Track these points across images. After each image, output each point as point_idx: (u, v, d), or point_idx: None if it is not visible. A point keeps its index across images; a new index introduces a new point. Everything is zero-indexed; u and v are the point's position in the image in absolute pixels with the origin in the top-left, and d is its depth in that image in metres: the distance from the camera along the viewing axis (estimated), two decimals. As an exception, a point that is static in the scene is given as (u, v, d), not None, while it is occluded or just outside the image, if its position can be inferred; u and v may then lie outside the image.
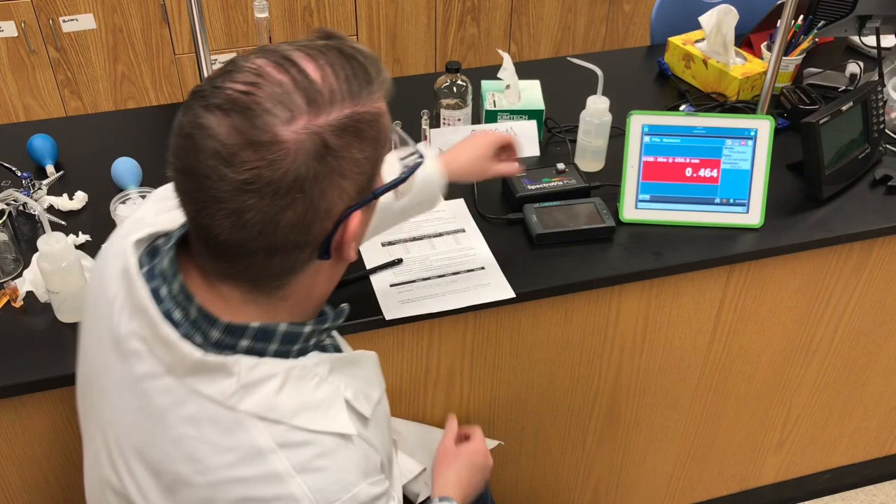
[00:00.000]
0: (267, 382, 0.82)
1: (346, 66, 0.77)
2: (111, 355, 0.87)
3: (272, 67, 0.75)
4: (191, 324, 0.82)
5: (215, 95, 0.74)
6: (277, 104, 0.73)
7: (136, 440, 0.86)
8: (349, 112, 0.76)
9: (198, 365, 0.81)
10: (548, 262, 1.46)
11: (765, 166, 1.54)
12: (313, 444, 0.82)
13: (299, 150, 0.73)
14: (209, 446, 0.81)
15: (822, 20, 1.84)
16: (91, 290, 0.94)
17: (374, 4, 3.07)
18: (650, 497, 1.99)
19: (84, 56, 2.87)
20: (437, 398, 1.55)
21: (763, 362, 1.78)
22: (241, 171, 0.72)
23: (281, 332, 0.83)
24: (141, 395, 0.84)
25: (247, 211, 0.73)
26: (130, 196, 1.49)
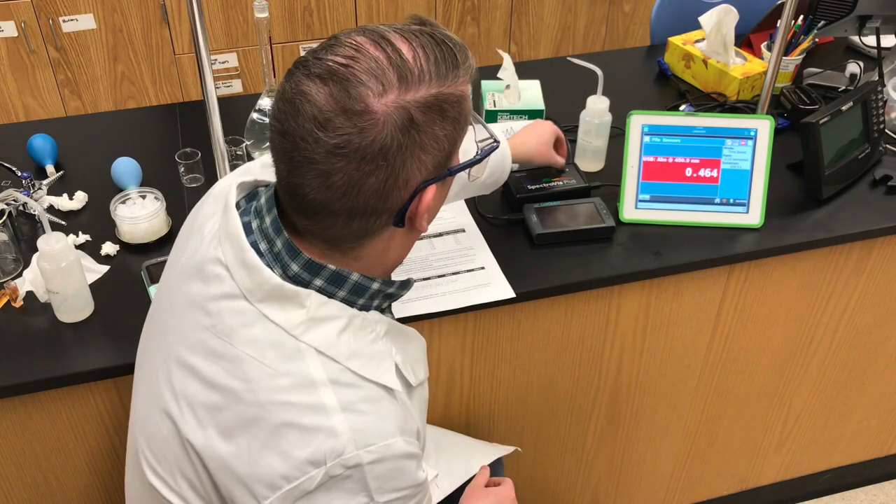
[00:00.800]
0: (332, 321, 0.88)
1: (437, 49, 0.84)
2: (193, 279, 0.94)
3: (370, 45, 0.82)
4: (273, 256, 0.89)
5: (317, 66, 0.81)
6: (372, 77, 0.80)
7: (197, 357, 0.91)
8: (435, 92, 0.82)
9: (274, 290, 0.87)
10: (548, 262, 1.46)
11: (765, 166, 1.54)
12: (361, 387, 0.88)
13: (387, 122, 0.79)
14: (266, 368, 0.86)
15: (822, 20, 1.84)
16: (186, 224, 1.04)
17: (374, 4, 3.07)
18: (650, 497, 1.99)
19: (84, 56, 2.87)
20: (437, 398, 1.55)
21: (763, 362, 1.78)
22: (334, 136, 0.79)
23: (352, 282, 0.90)
24: (214, 314, 0.90)
25: (335, 173, 0.80)
26: (130, 196, 1.49)
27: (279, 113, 0.83)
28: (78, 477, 1.41)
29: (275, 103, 0.84)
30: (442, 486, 1.35)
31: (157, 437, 0.95)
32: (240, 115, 1.72)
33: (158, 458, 0.96)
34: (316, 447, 0.84)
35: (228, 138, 1.59)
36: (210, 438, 0.89)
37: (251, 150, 1.64)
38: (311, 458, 0.84)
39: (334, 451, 0.84)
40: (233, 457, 0.87)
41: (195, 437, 0.90)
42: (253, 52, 3.03)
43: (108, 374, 1.27)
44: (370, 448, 0.85)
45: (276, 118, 0.84)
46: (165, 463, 0.95)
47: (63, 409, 1.32)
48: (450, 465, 1.40)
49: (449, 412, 1.58)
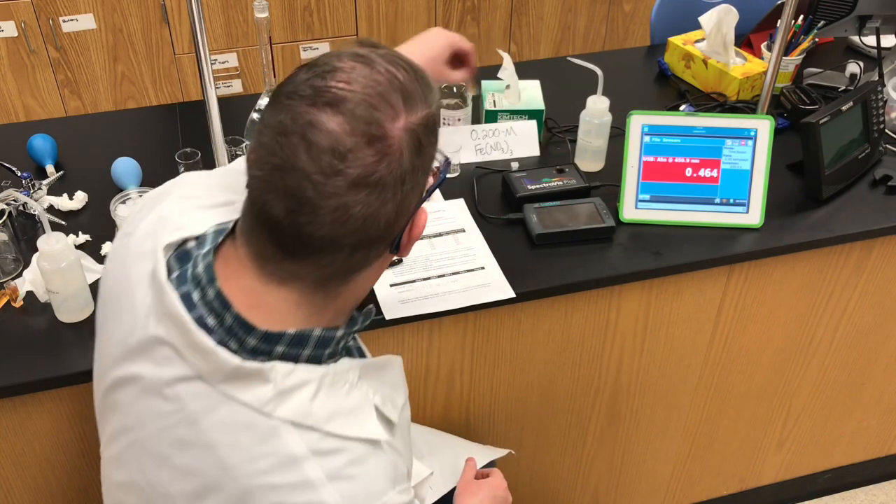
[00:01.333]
0: (302, 388, 0.82)
1: (412, 69, 0.81)
2: (139, 360, 0.86)
3: (364, 67, 0.77)
4: (225, 330, 0.82)
5: (320, 94, 0.75)
6: (382, 101, 0.76)
7: (164, 445, 0.85)
8: (427, 112, 0.80)
9: (234, 372, 0.81)
10: (548, 262, 1.46)
11: (765, 166, 1.54)
12: (345, 451, 0.83)
13: (403, 147, 0.76)
14: (243, 452, 0.81)
15: (822, 20, 1.84)
16: (111, 289, 0.93)
17: (374, 4, 3.07)
18: (650, 497, 1.99)
19: (84, 56, 2.87)
20: (437, 398, 1.55)
21: (763, 362, 1.78)
22: (356, 167, 0.74)
23: (315, 337, 0.84)
24: (174, 400, 0.84)
25: (354, 206, 0.75)
26: (130, 196, 1.49)
27: (278, 149, 0.75)
28: (78, 477, 1.41)
29: (265, 141, 0.76)
30: (435, 486, 1.35)
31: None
32: (240, 115, 1.72)
33: None
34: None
35: (228, 138, 1.59)
36: None
37: (251, 150, 1.64)
38: None
39: None
40: None
41: None
42: (253, 52, 3.03)
43: (108, 374, 1.27)
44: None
45: (272, 155, 0.75)
46: None
47: (63, 409, 1.32)
48: (443, 466, 1.39)
49: (449, 412, 1.58)
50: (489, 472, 1.35)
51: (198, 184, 0.99)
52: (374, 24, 3.12)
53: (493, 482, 1.31)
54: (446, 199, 1.60)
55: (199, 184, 0.99)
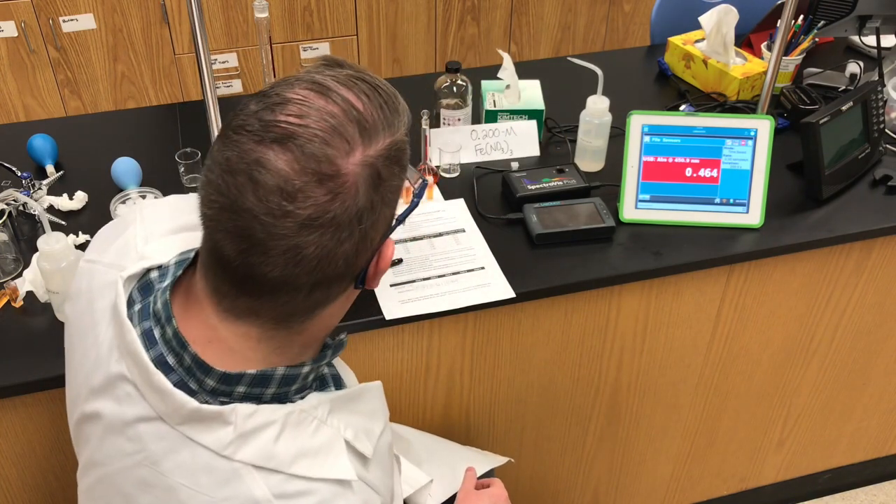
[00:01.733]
0: (265, 430, 0.79)
1: (376, 95, 0.76)
2: (102, 397, 0.85)
3: (317, 97, 0.73)
4: (185, 370, 0.79)
5: (268, 129, 0.71)
6: (336, 135, 0.71)
7: (128, 484, 0.84)
8: (390, 141, 0.75)
9: (193, 414, 0.78)
10: (548, 262, 1.46)
11: (765, 166, 1.54)
12: (311, 493, 0.79)
13: (359, 183, 0.72)
14: (203, 496, 0.79)
15: (822, 20, 1.84)
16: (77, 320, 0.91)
17: (374, 4, 3.07)
18: (650, 497, 1.99)
19: (84, 56, 2.87)
20: (438, 398, 1.55)
21: (763, 362, 1.78)
22: (306, 207, 0.70)
23: (279, 377, 0.81)
24: (136, 440, 0.82)
25: (306, 247, 0.71)
26: (130, 196, 1.49)
27: (226, 188, 0.71)
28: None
29: (213, 178, 0.73)
30: (434, 494, 1.35)
31: None
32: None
33: None
34: None
35: (228, 138, 1.59)
36: None
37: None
38: None
39: None
40: None
41: None
42: (253, 52, 3.03)
43: (108, 374, 1.27)
44: None
45: (220, 194, 0.72)
46: None
47: (63, 409, 1.32)
48: (443, 473, 1.39)
49: (449, 412, 1.58)
50: (490, 481, 1.34)
51: (162, 207, 0.97)
52: (374, 24, 3.12)
53: (494, 492, 1.31)
54: (446, 199, 1.60)
55: (163, 208, 0.97)
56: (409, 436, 1.46)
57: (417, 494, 1.33)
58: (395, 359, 1.46)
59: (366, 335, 1.38)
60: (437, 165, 1.65)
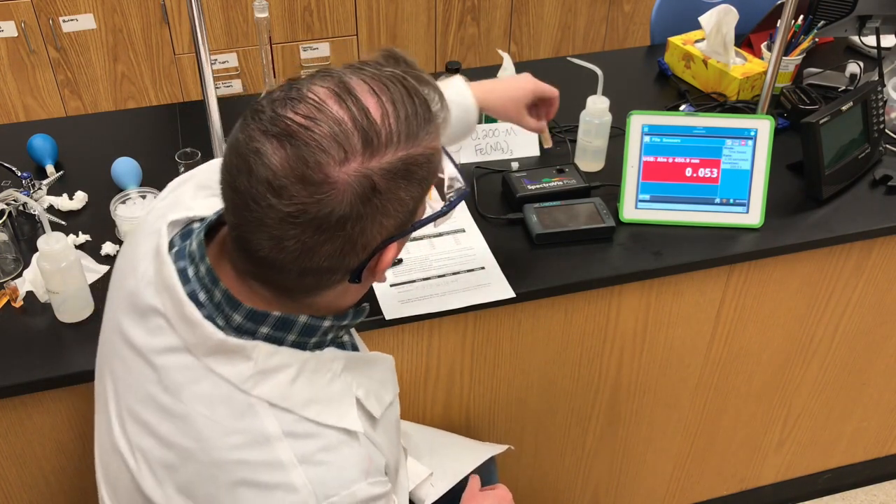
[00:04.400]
0: (283, 371, 0.84)
1: (409, 102, 0.77)
2: (135, 328, 0.90)
3: (334, 100, 0.75)
4: (214, 306, 0.84)
5: (275, 122, 0.74)
6: (334, 143, 0.73)
7: (148, 412, 0.88)
8: (403, 154, 0.76)
9: (218, 346, 0.83)
10: (548, 262, 1.46)
11: (765, 166, 1.54)
12: (319, 436, 0.84)
13: (346, 192, 0.74)
14: (218, 426, 0.83)
15: (822, 20, 1.84)
16: (120, 264, 0.98)
17: (374, 4, 3.07)
18: (650, 497, 1.99)
19: (84, 56, 2.87)
20: (438, 398, 1.55)
21: (763, 362, 1.78)
22: (288, 204, 0.74)
23: (301, 324, 0.85)
24: (161, 370, 0.86)
25: (287, 239, 0.75)
26: (130, 196, 1.49)
27: (230, 166, 0.77)
28: (78, 477, 1.41)
29: (227, 154, 0.79)
30: (437, 485, 1.35)
31: (119, 486, 0.93)
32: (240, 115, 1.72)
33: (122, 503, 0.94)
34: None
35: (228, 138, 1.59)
36: (169, 497, 0.86)
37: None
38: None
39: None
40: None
41: (154, 494, 0.87)
42: (253, 52, 3.03)
43: (108, 374, 1.27)
44: (332, 499, 0.82)
45: (227, 170, 0.78)
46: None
47: (63, 409, 1.32)
48: (444, 464, 1.39)
49: (449, 412, 1.58)
50: (495, 487, 1.35)
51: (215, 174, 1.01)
52: (374, 24, 3.12)
53: (500, 493, 1.31)
54: (446, 199, 1.60)
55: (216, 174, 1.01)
56: (409, 430, 1.46)
57: (419, 488, 1.34)
58: (396, 359, 1.45)
59: (366, 335, 1.38)
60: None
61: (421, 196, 0.81)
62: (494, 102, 1.34)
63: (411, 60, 0.83)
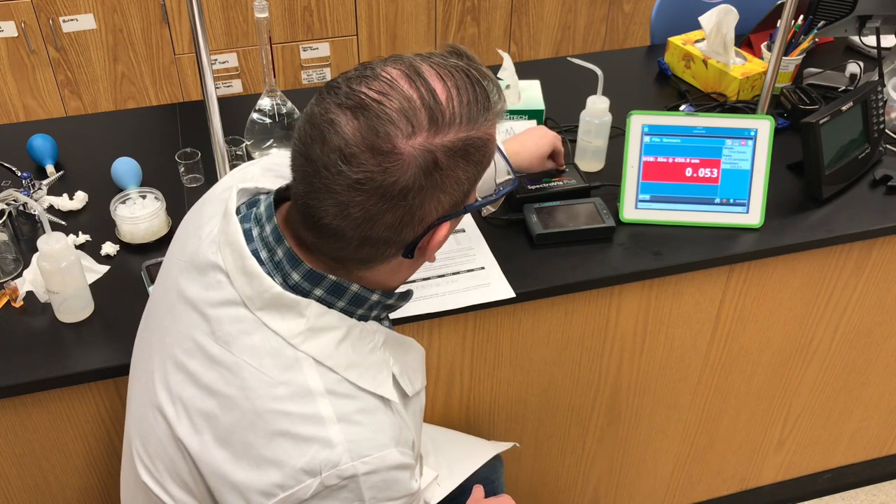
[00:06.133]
0: (331, 332, 0.89)
1: (471, 90, 0.83)
2: (192, 283, 0.94)
3: (405, 80, 0.81)
4: (274, 265, 0.89)
5: (350, 96, 0.80)
6: (403, 117, 0.79)
7: (195, 362, 0.91)
8: (464, 136, 0.82)
9: (274, 299, 0.87)
10: (548, 262, 1.46)
11: (765, 166, 1.54)
12: (358, 398, 0.88)
13: (411, 164, 0.79)
14: (264, 376, 0.87)
15: (822, 20, 1.84)
16: (180, 232, 1.03)
17: (374, 4, 3.07)
18: (650, 497, 1.99)
19: (84, 56, 2.87)
20: (438, 398, 1.55)
21: (763, 362, 1.78)
22: (357, 171, 0.79)
23: (352, 293, 0.90)
24: (213, 321, 0.90)
25: (353, 206, 0.81)
26: (130, 196, 1.49)
27: (305, 136, 0.82)
28: (78, 477, 1.41)
29: (301, 124, 0.84)
30: (443, 484, 1.36)
31: (151, 438, 0.95)
32: (240, 115, 1.72)
33: (153, 457, 0.96)
34: (311, 457, 0.85)
35: (228, 138, 1.59)
36: (205, 444, 0.89)
37: (251, 150, 1.64)
38: (307, 467, 0.85)
39: (330, 462, 0.85)
40: (228, 463, 0.87)
41: (190, 442, 0.90)
42: (253, 52, 3.03)
43: (108, 374, 1.27)
44: (365, 459, 0.86)
45: (300, 140, 0.83)
46: (160, 463, 0.95)
47: (63, 409, 1.32)
48: (450, 463, 1.40)
49: (449, 412, 1.58)
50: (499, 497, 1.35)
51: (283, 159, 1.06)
52: (374, 24, 3.12)
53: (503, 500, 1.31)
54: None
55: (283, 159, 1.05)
56: None
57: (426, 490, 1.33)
58: (395, 359, 1.45)
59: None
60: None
61: (476, 177, 0.86)
62: (522, 162, 1.48)
63: (474, 56, 0.88)
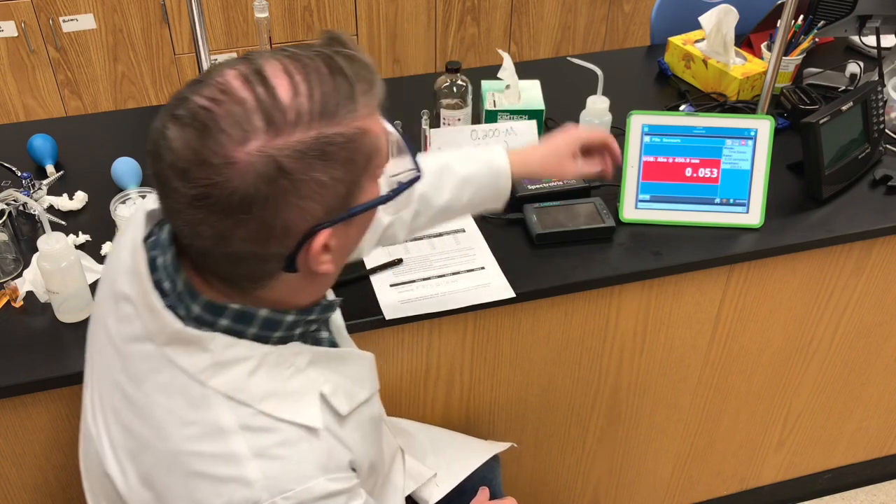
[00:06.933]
0: (240, 364, 0.84)
1: (328, 82, 0.75)
2: (109, 314, 0.91)
3: (239, 82, 0.74)
4: (177, 297, 0.84)
5: (180, 106, 0.74)
6: (234, 124, 0.72)
7: (115, 398, 0.89)
8: (315, 134, 0.74)
9: (176, 335, 0.83)
10: (548, 262, 1.46)
11: (765, 166, 1.54)
12: (276, 431, 0.83)
13: (248, 172, 0.72)
14: (175, 416, 0.83)
15: (822, 20, 1.84)
16: (109, 257, 0.99)
17: (374, 4, 3.07)
18: (650, 497, 1.99)
19: (84, 56, 2.87)
20: (438, 398, 1.55)
21: (763, 362, 1.78)
22: (191, 188, 0.73)
23: (261, 318, 0.85)
24: (126, 357, 0.87)
25: (199, 224, 0.75)
26: (130, 196, 1.49)
27: (148, 153, 0.77)
28: (77, 477, 1.41)
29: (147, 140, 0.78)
30: (441, 485, 1.35)
31: (91, 467, 0.94)
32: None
33: (93, 486, 0.95)
34: (229, 497, 0.81)
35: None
36: (131, 485, 0.87)
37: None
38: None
39: (248, 501, 0.81)
40: None
41: (118, 480, 0.88)
42: (253, 52, 3.03)
43: (108, 374, 1.27)
44: (287, 494, 0.81)
45: (148, 156, 0.77)
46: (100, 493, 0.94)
47: (63, 409, 1.32)
48: (448, 463, 1.39)
49: (449, 412, 1.58)
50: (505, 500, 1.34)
51: None
52: (374, 24, 3.12)
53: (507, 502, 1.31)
54: (446, 199, 1.60)
55: None
56: (412, 429, 1.46)
57: (423, 488, 1.33)
58: (395, 359, 1.46)
59: (366, 335, 1.38)
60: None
61: (353, 179, 0.78)
62: (533, 164, 1.30)
63: (348, 41, 0.80)
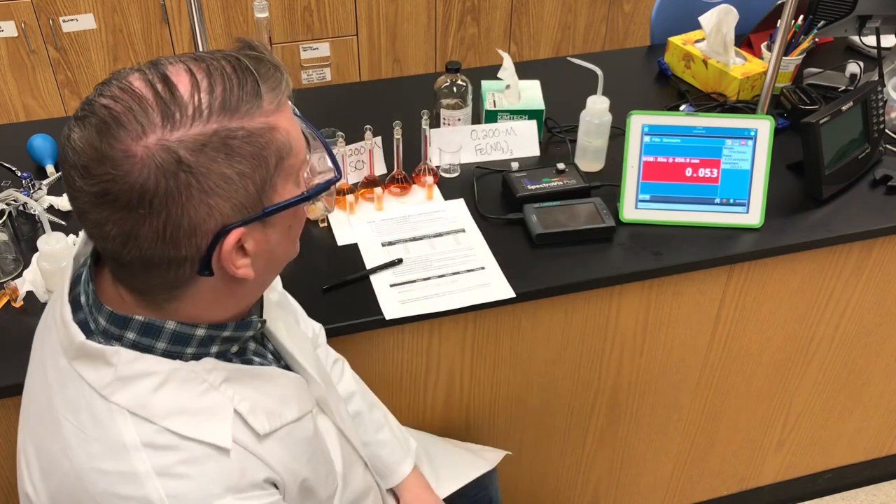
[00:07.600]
0: (144, 379, 0.81)
1: (231, 78, 0.76)
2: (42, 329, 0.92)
3: (140, 81, 0.75)
4: (89, 309, 0.84)
5: (83, 108, 0.75)
6: (131, 119, 0.73)
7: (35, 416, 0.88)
8: (216, 127, 0.74)
9: (81, 348, 0.82)
10: (548, 262, 1.46)
11: (765, 166, 1.54)
12: (180, 449, 0.81)
13: (146, 165, 0.72)
14: (80, 433, 0.81)
15: (822, 20, 1.84)
16: None
17: (374, 4, 3.07)
18: (650, 497, 1.99)
19: (84, 56, 2.87)
20: (438, 398, 1.55)
21: (763, 362, 1.78)
22: (94, 185, 0.74)
23: (169, 331, 0.83)
24: (46, 371, 0.87)
25: (105, 223, 0.75)
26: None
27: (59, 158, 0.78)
28: (78, 477, 1.41)
29: None
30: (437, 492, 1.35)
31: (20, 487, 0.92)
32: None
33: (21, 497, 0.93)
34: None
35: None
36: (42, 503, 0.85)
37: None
38: None
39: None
40: None
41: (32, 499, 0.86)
42: (253, 52, 3.03)
43: (108, 374, 1.27)
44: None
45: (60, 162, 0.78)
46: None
47: (63, 409, 1.31)
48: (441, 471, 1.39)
49: (449, 412, 1.58)
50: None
51: None
52: (374, 24, 3.12)
53: None
54: (446, 199, 1.60)
55: None
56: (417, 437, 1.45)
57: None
58: (395, 359, 1.46)
59: (366, 335, 1.38)
60: (437, 165, 1.66)
61: (264, 177, 0.77)
62: None
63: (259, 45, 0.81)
